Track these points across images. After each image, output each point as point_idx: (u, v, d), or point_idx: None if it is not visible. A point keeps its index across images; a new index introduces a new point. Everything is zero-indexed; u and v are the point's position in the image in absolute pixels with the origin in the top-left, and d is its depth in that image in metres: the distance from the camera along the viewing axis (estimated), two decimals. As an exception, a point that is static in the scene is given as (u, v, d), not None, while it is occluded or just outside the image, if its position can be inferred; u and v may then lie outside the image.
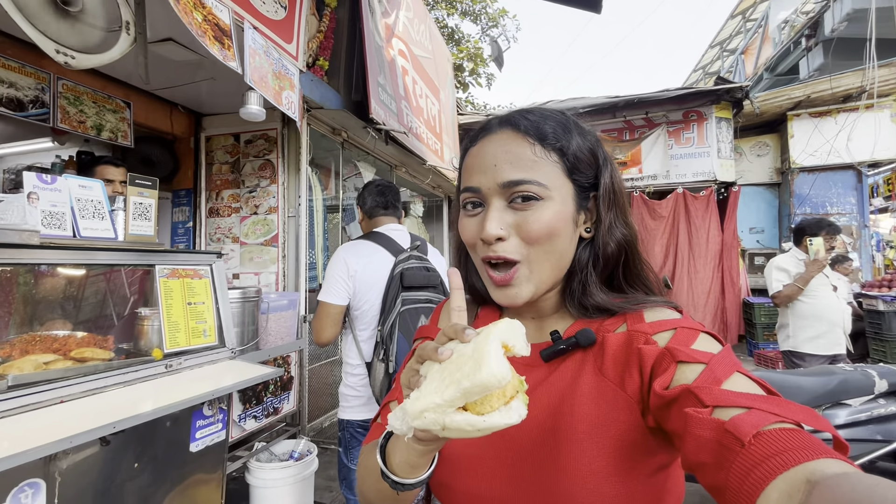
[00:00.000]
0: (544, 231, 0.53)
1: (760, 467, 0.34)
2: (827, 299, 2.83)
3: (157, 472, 1.50)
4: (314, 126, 3.16)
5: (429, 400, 0.40)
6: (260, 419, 2.11)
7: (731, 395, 0.41)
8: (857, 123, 5.67)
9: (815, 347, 2.81)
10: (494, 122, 0.59)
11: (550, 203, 0.54)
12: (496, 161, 0.55)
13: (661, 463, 0.50)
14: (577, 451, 0.50)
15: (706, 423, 0.39)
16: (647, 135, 5.79)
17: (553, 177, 0.54)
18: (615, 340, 0.53)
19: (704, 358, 0.45)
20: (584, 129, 0.59)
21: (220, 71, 2.68)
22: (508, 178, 0.54)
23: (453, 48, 9.79)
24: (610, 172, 0.58)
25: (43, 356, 1.30)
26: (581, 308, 0.57)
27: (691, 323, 0.51)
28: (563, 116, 0.58)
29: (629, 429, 0.49)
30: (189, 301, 1.69)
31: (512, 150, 0.55)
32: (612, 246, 0.56)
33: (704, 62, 16.38)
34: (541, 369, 0.57)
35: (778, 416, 0.38)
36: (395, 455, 0.51)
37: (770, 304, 5.60)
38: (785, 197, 6.17)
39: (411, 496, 0.56)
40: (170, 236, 3.40)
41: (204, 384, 1.53)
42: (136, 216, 1.58)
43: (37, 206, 1.32)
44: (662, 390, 0.45)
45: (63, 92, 2.50)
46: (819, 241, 2.75)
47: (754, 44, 11.20)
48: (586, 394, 0.52)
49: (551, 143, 0.55)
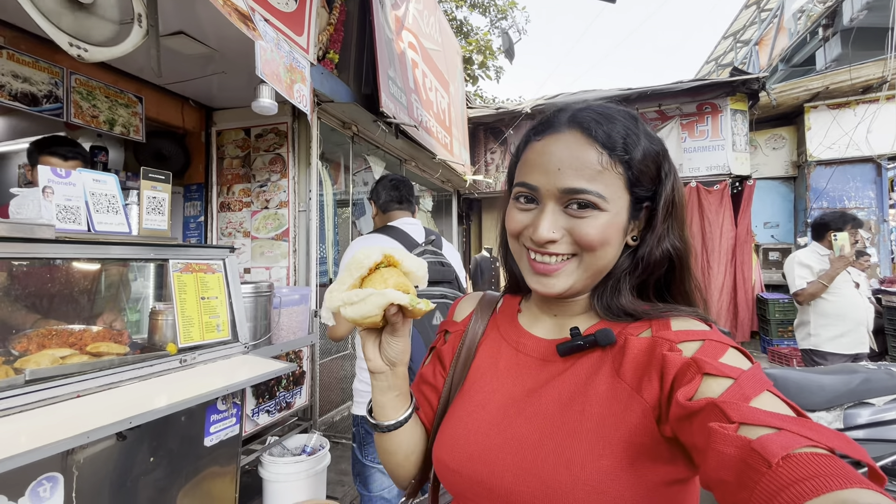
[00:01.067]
0: (597, 240, 0.53)
1: (787, 491, 0.33)
2: (850, 296, 2.73)
3: (173, 466, 1.50)
4: (324, 120, 3.14)
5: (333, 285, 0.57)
6: (273, 414, 2.12)
7: (759, 413, 0.39)
8: (877, 115, 5.52)
9: (838, 346, 2.73)
10: (563, 118, 0.57)
11: (608, 214, 0.53)
12: (560, 165, 0.54)
13: (675, 475, 0.48)
14: (584, 447, 0.49)
15: (731, 440, 0.38)
16: (659, 128, 5.70)
17: (614, 189, 0.54)
18: (637, 344, 0.52)
19: (733, 373, 0.43)
20: (652, 136, 0.57)
21: (230, 65, 2.67)
22: (570, 186, 0.53)
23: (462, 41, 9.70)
24: (672, 184, 0.57)
25: (59, 350, 1.30)
26: (606, 310, 0.57)
27: (720, 336, 0.49)
28: (633, 121, 0.56)
29: (639, 433, 0.48)
30: (202, 296, 1.69)
31: (579, 157, 0.53)
32: (657, 255, 0.56)
33: (717, 54, 16.11)
34: (555, 364, 0.58)
35: (810, 439, 0.36)
36: (373, 404, 0.64)
37: (785, 300, 5.53)
38: (801, 191, 6.05)
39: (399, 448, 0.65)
40: (182, 231, 3.42)
41: (218, 379, 1.53)
42: (149, 210, 1.57)
43: (51, 200, 1.32)
44: (686, 401, 0.43)
45: (76, 87, 2.51)
46: (844, 237, 2.65)
47: (769, 34, 10.96)
48: (600, 393, 0.52)
49: (619, 154, 0.53)
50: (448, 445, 0.60)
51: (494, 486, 0.53)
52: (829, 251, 2.74)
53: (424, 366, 0.73)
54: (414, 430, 0.66)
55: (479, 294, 0.75)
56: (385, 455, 0.66)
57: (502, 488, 0.52)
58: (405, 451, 0.66)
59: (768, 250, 6.15)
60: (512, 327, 0.65)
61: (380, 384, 0.62)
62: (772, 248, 6.16)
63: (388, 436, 0.64)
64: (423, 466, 0.69)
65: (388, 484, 1.67)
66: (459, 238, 6.54)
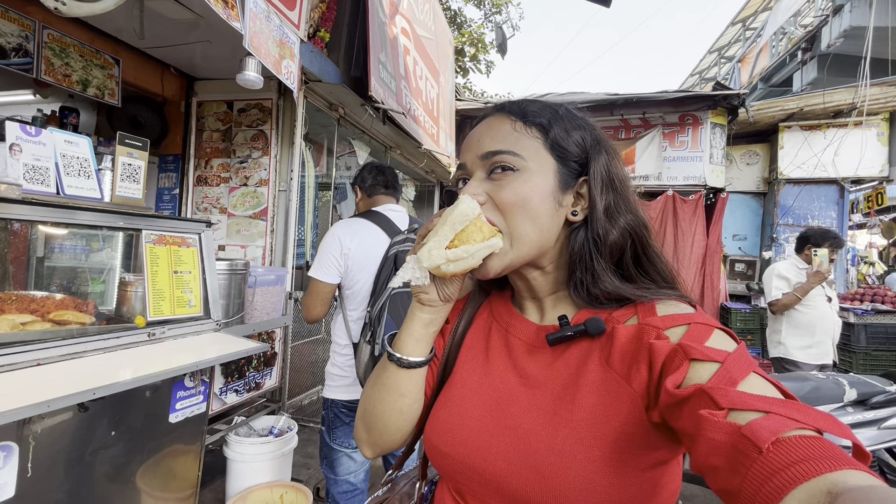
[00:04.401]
0: (518, 198, 0.54)
1: (779, 476, 0.33)
2: (822, 310, 2.85)
3: (135, 441, 1.47)
4: (311, 99, 3.08)
5: (431, 244, 0.54)
6: (241, 393, 2.09)
7: (747, 397, 0.39)
8: (844, 139, 5.78)
9: (807, 356, 2.85)
10: (488, 109, 0.63)
11: (527, 174, 0.55)
12: (480, 138, 0.59)
13: (659, 458, 0.50)
14: (575, 437, 0.50)
15: (721, 427, 0.38)
16: (642, 135, 5.81)
17: (532, 150, 0.56)
18: (625, 333, 0.52)
19: (719, 356, 0.44)
20: (575, 115, 0.60)
21: (216, 33, 2.58)
22: (486, 150, 0.57)
23: (455, 32, 9.63)
24: (605, 159, 0.58)
25: (20, 316, 1.25)
26: (591, 297, 0.56)
27: (705, 318, 0.50)
28: (553, 104, 0.60)
29: (630, 422, 0.49)
30: (175, 269, 1.65)
31: (493, 127, 0.58)
32: (616, 233, 0.56)
33: (702, 67, 16.49)
34: (545, 353, 0.58)
35: (798, 421, 0.36)
36: (402, 336, 0.61)
37: (747, 310, 5.77)
38: (769, 207, 6.29)
39: (413, 386, 0.62)
40: (155, 202, 3.30)
41: (187, 355, 1.49)
42: (123, 177, 1.52)
43: (19, 158, 1.25)
44: (674, 389, 0.44)
45: (48, 42, 2.38)
46: (824, 253, 2.74)
47: (752, 53, 11.29)
48: (590, 383, 0.52)
49: (532, 119, 0.58)
50: (440, 429, 0.60)
51: (486, 472, 0.54)
52: (808, 265, 2.85)
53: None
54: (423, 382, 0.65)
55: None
56: (394, 396, 0.62)
57: (494, 475, 0.53)
58: (413, 396, 0.63)
59: (735, 261, 6.38)
60: (505, 308, 0.66)
61: (428, 317, 0.60)
62: (738, 259, 6.39)
63: (407, 374, 0.62)
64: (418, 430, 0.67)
65: (354, 468, 1.68)
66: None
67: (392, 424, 0.64)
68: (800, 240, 2.98)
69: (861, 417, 2.11)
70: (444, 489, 0.61)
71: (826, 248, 2.79)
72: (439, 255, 0.53)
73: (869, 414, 2.11)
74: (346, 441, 1.65)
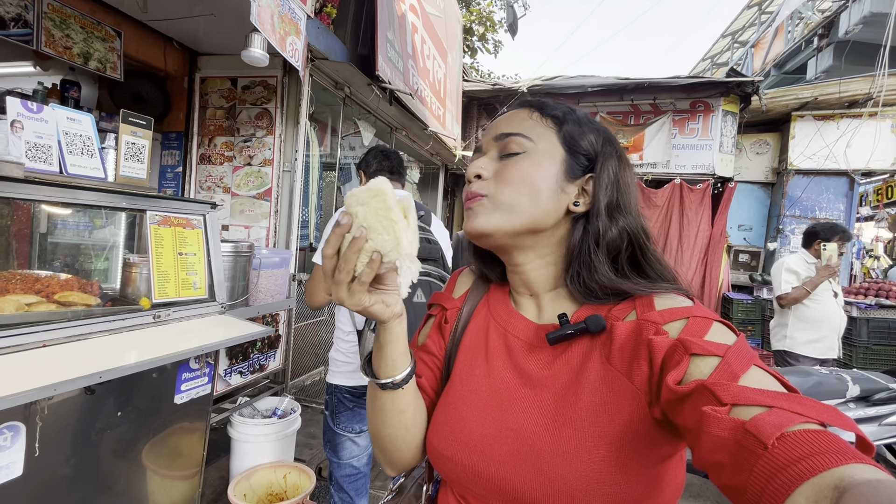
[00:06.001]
0: (518, 176, 0.57)
1: (785, 472, 0.33)
2: (828, 305, 2.86)
3: (141, 422, 1.47)
4: (316, 77, 3.01)
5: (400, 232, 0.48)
6: (246, 375, 2.10)
7: (750, 392, 0.39)
8: (858, 130, 5.68)
9: (811, 350, 2.86)
10: (514, 104, 0.68)
11: (535, 156, 0.58)
12: (498, 124, 0.62)
13: (663, 455, 0.49)
14: (579, 437, 0.49)
15: (724, 423, 0.38)
16: (652, 121, 5.71)
17: (543, 136, 0.59)
18: (624, 329, 0.52)
19: (719, 350, 0.44)
20: (593, 121, 0.63)
21: (220, 7, 2.50)
22: (501, 132, 0.60)
23: (464, 10, 9.39)
24: (616, 163, 0.59)
25: (25, 297, 1.24)
26: (587, 291, 0.56)
27: (703, 311, 0.50)
28: (574, 106, 0.63)
29: (633, 419, 0.49)
30: (180, 251, 1.63)
31: (512, 116, 0.62)
32: (614, 231, 0.56)
33: (714, 52, 16.12)
34: (545, 351, 0.57)
35: (801, 415, 0.36)
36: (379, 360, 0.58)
37: (748, 300, 5.77)
38: (777, 197, 6.22)
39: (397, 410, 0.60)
40: (157, 180, 3.26)
41: (192, 338, 1.49)
42: (127, 157, 1.49)
43: (21, 136, 1.22)
44: (675, 385, 0.44)
45: (48, 13, 2.31)
46: (833, 248, 2.74)
47: (766, 38, 11.00)
48: (592, 381, 0.52)
49: (548, 112, 0.61)
50: (442, 433, 0.59)
51: (490, 476, 0.53)
52: (817, 260, 2.83)
53: (427, 336, 0.71)
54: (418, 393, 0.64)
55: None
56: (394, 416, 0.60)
57: (498, 478, 0.53)
58: (413, 410, 0.61)
59: (739, 252, 6.35)
60: (503, 307, 0.65)
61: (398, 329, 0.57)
62: (743, 249, 6.36)
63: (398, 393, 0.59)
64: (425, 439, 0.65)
65: (357, 452, 1.70)
66: (444, 213, 6.50)
67: (402, 442, 0.63)
68: (807, 235, 2.96)
69: (863, 413, 2.12)
70: (447, 493, 0.61)
71: (835, 242, 2.78)
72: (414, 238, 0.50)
73: (871, 410, 2.11)
74: (350, 426, 1.66)
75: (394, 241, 0.48)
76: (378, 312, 0.53)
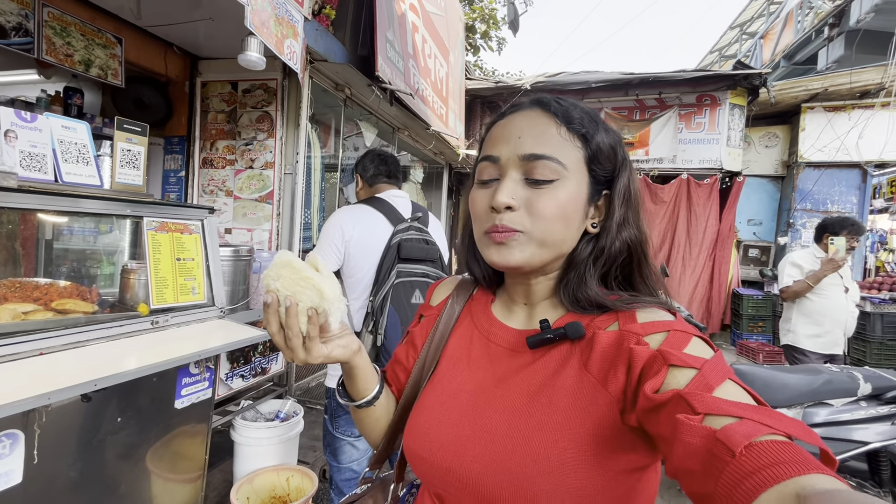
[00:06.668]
0: (555, 211, 0.54)
1: (750, 479, 0.34)
2: (835, 299, 2.80)
3: (141, 427, 1.48)
4: (316, 79, 3.01)
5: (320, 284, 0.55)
6: (247, 378, 2.10)
7: (723, 403, 0.40)
8: (870, 121, 5.55)
9: (815, 345, 2.82)
10: (525, 100, 0.59)
11: (566, 185, 0.55)
12: (521, 133, 0.56)
13: (635, 463, 0.50)
14: (549, 440, 0.50)
15: (697, 431, 0.39)
16: (657, 116, 5.64)
17: (573, 160, 0.55)
18: (605, 338, 0.53)
19: (697, 363, 0.45)
20: (609, 126, 0.60)
21: (218, 11, 2.51)
22: (530, 151, 0.55)
23: (466, 7, 9.34)
24: (629, 174, 0.59)
25: (22, 305, 1.24)
26: (574, 301, 0.57)
27: (684, 326, 0.51)
28: (592, 111, 0.60)
29: (604, 425, 0.49)
30: (178, 256, 1.63)
31: (538, 126, 0.56)
32: (617, 245, 0.57)
33: (721, 44, 15.89)
34: (525, 355, 0.58)
35: (770, 427, 0.37)
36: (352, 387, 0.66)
37: (759, 296, 5.67)
38: (787, 191, 6.11)
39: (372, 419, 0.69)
40: (161, 185, 3.29)
41: (191, 343, 1.49)
42: (123, 164, 1.49)
43: (14, 145, 1.23)
44: (653, 393, 0.45)
45: (49, 20, 2.33)
46: (841, 241, 2.68)
47: (775, 29, 10.82)
48: (567, 386, 0.53)
49: (577, 128, 0.56)
50: (418, 435, 0.61)
51: (462, 476, 0.54)
52: (826, 255, 2.78)
53: (400, 346, 0.75)
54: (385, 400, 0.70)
55: (456, 278, 0.75)
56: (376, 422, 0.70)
57: (470, 478, 0.54)
58: (385, 412, 0.70)
59: (749, 247, 6.25)
60: (485, 316, 0.66)
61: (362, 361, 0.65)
62: (752, 244, 6.26)
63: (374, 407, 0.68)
64: (389, 437, 0.71)
65: (357, 456, 1.69)
66: (448, 212, 6.48)
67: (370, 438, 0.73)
68: (818, 229, 2.92)
69: (875, 412, 2.06)
70: (424, 494, 0.62)
71: (843, 235, 2.73)
72: (332, 282, 0.56)
73: (883, 409, 2.06)
74: (349, 429, 1.66)
75: (318, 295, 0.54)
76: (339, 356, 0.59)
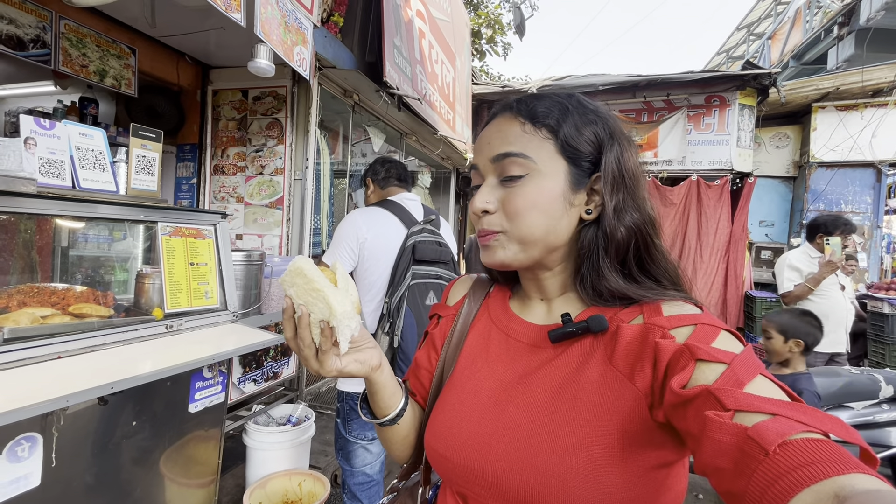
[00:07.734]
0: (526, 205, 0.54)
1: (785, 478, 0.33)
2: (834, 299, 2.82)
3: (155, 430, 1.49)
4: (325, 86, 3.04)
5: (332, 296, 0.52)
6: (259, 383, 2.11)
7: (754, 399, 0.39)
8: (883, 120, 5.47)
9: (819, 345, 2.80)
10: (497, 108, 0.61)
11: (537, 178, 0.55)
12: (490, 139, 0.58)
13: (663, 459, 0.49)
14: (576, 436, 0.49)
15: (727, 428, 0.37)
16: (666, 118, 5.61)
17: (542, 153, 0.55)
18: (630, 332, 0.51)
19: (726, 358, 0.43)
20: (587, 108, 0.58)
21: (229, 20, 2.54)
22: (497, 152, 0.56)
23: (472, 13, 9.41)
24: (616, 154, 0.56)
25: (40, 310, 1.26)
26: (595, 294, 0.56)
27: (712, 320, 0.49)
28: (563, 98, 0.58)
29: (632, 420, 0.48)
30: (191, 261, 1.65)
31: (503, 130, 0.57)
32: (622, 231, 0.55)
33: (729, 45, 15.80)
34: (546, 351, 0.57)
35: (805, 424, 0.36)
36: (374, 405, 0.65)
37: (772, 298, 5.58)
38: (799, 192, 6.03)
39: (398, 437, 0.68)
40: (173, 192, 3.33)
41: (205, 347, 1.50)
42: (138, 170, 1.51)
43: (34, 152, 1.25)
44: (680, 389, 0.43)
45: (65, 32, 2.38)
46: (836, 242, 2.70)
47: (783, 29, 10.73)
48: (592, 381, 0.52)
49: (541, 121, 0.56)
50: (440, 433, 0.60)
51: (487, 474, 0.53)
52: (820, 254, 2.79)
53: (419, 350, 0.73)
54: (410, 415, 0.68)
55: (472, 277, 0.74)
56: (402, 438, 0.68)
57: (495, 476, 0.52)
58: (410, 428, 0.68)
59: (761, 249, 6.17)
60: (503, 312, 0.65)
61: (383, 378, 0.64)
62: (765, 246, 6.17)
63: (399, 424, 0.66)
64: (418, 451, 0.70)
65: (370, 460, 1.68)
66: (456, 217, 6.48)
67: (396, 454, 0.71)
68: (810, 228, 2.92)
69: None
70: (446, 493, 0.61)
71: (837, 235, 2.73)
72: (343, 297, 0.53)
73: (906, 412, 2.01)
74: (362, 433, 1.65)
75: (328, 308, 0.52)
76: (355, 371, 0.58)
